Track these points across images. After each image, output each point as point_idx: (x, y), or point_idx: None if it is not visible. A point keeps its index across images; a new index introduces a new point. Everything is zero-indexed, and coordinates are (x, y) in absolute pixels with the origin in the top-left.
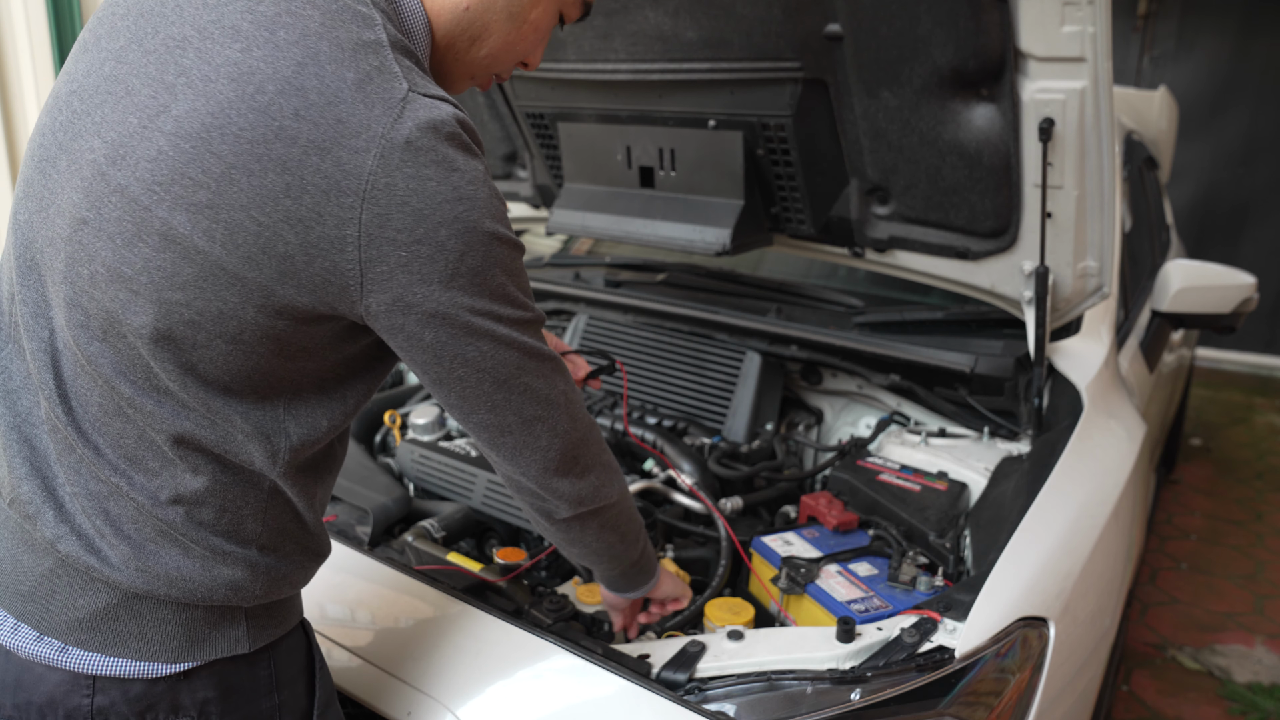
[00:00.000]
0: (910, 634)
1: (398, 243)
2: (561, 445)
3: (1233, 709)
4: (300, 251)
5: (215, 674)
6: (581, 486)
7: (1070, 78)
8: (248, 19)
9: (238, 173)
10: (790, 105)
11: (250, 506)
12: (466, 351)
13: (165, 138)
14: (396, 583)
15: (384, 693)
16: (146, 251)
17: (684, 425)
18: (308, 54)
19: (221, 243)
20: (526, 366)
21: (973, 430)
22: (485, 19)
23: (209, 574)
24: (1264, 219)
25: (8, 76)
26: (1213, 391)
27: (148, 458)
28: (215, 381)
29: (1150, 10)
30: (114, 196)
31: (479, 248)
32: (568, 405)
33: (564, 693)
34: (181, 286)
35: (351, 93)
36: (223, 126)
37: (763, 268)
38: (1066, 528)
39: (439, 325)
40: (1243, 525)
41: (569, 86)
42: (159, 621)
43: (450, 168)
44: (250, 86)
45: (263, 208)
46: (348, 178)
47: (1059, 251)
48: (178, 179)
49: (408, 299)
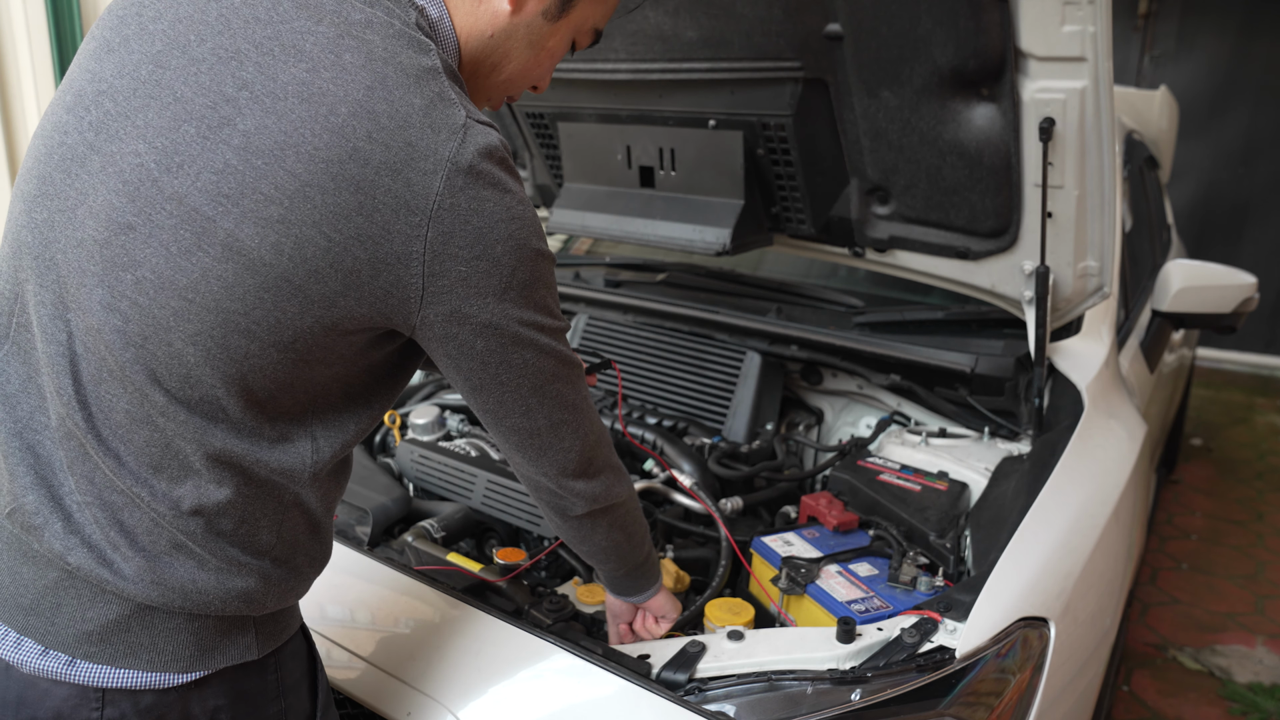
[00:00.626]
0: (910, 634)
1: (459, 258)
2: (581, 447)
3: (1233, 709)
4: (367, 266)
5: (225, 681)
6: (595, 486)
7: (1071, 77)
8: (309, 40)
9: (312, 190)
10: (790, 105)
11: (268, 519)
12: (512, 358)
13: (233, 151)
14: (396, 583)
15: (384, 693)
16: (206, 261)
17: (684, 425)
18: (375, 78)
19: (290, 256)
20: (560, 374)
21: (973, 430)
22: (507, 46)
23: (223, 585)
24: (1264, 219)
25: (7, 77)
26: (1213, 391)
27: (172, 467)
28: (260, 390)
29: (1151, 10)
30: (169, 204)
31: (528, 263)
32: (588, 410)
33: (564, 693)
34: (241, 297)
35: (420, 118)
36: (297, 145)
37: (763, 268)
38: (1067, 528)
39: (490, 334)
40: (1243, 525)
41: (569, 86)
42: (171, 632)
43: (504, 190)
44: (323, 108)
45: (335, 224)
46: (417, 198)
47: (1059, 251)
48: (248, 193)
49: (465, 310)
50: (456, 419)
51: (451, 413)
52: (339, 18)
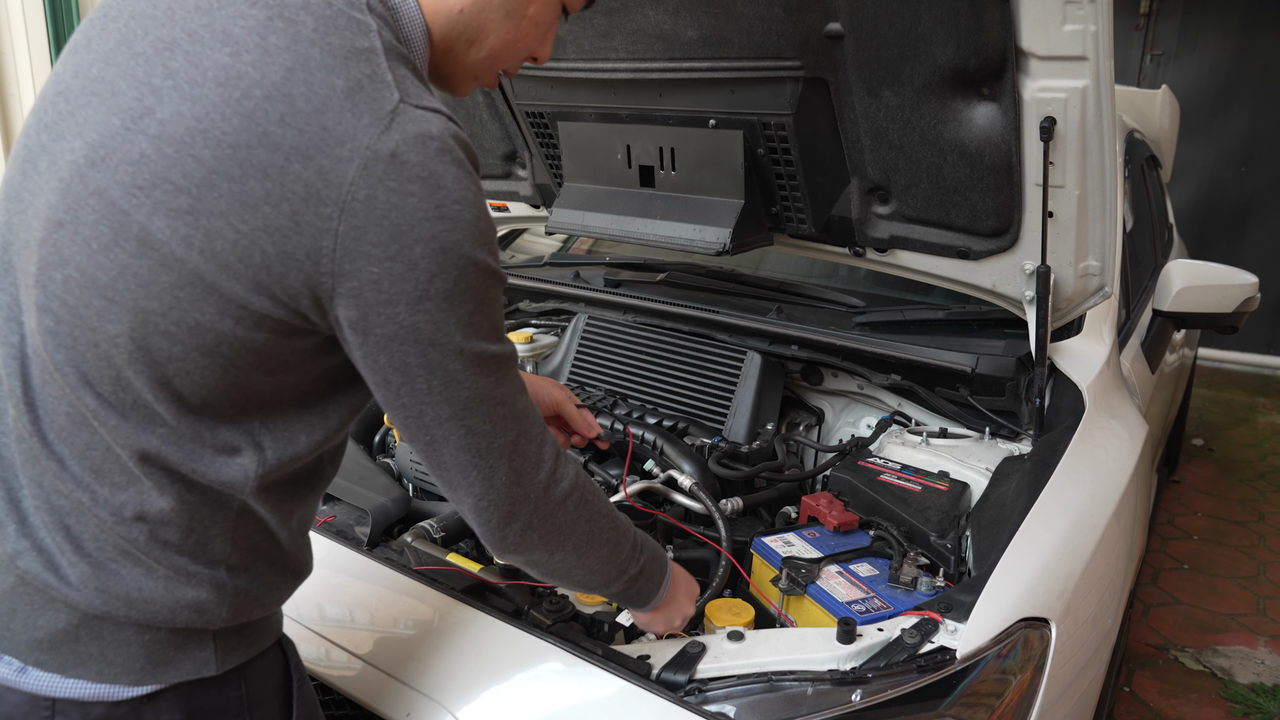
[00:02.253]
0: (911, 635)
1: (372, 257)
2: (495, 498)
3: (1235, 710)
4: (277, 261)
5: (181, 696)
6: (512, 537)
7: (1072, 76)
8: (239, 24)
9: (218, 178)
10: (791, 104)
11: (218, 526)
12: (416, 382)
13: (148, 141)
14: (396, 583)
15: (383, 694)
16: (123, 257)
17: (684, 425)
18: (298, 60)
19: (200, 250)
20: (474, 408)
21: (974, 430)
22: (481, 19)
23: (171, 595)
24: (1266, 218)
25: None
26: (1215, 392)
27: (113, 472)
28: (191, 396)
29: (1152, 9)
30: (92, 199)
31: (452, 270)
32: (509, 456)
33: (564, 693)
34: (158, 295)
35: (340, 100)
36: (206, 131)
37: (763, 267)
38: (1068, 528)
39: (394, 350)
40: (1245, 526)
41: (569, 85)
42: (121, 643)
43: (435, 184)
44: (237, 91)
45: (242, 215)
46: (329, 187)
47: (1060, 251)
48: (159, 183)
49: (370, 320)
50: None
51: None
52: (275, 1)
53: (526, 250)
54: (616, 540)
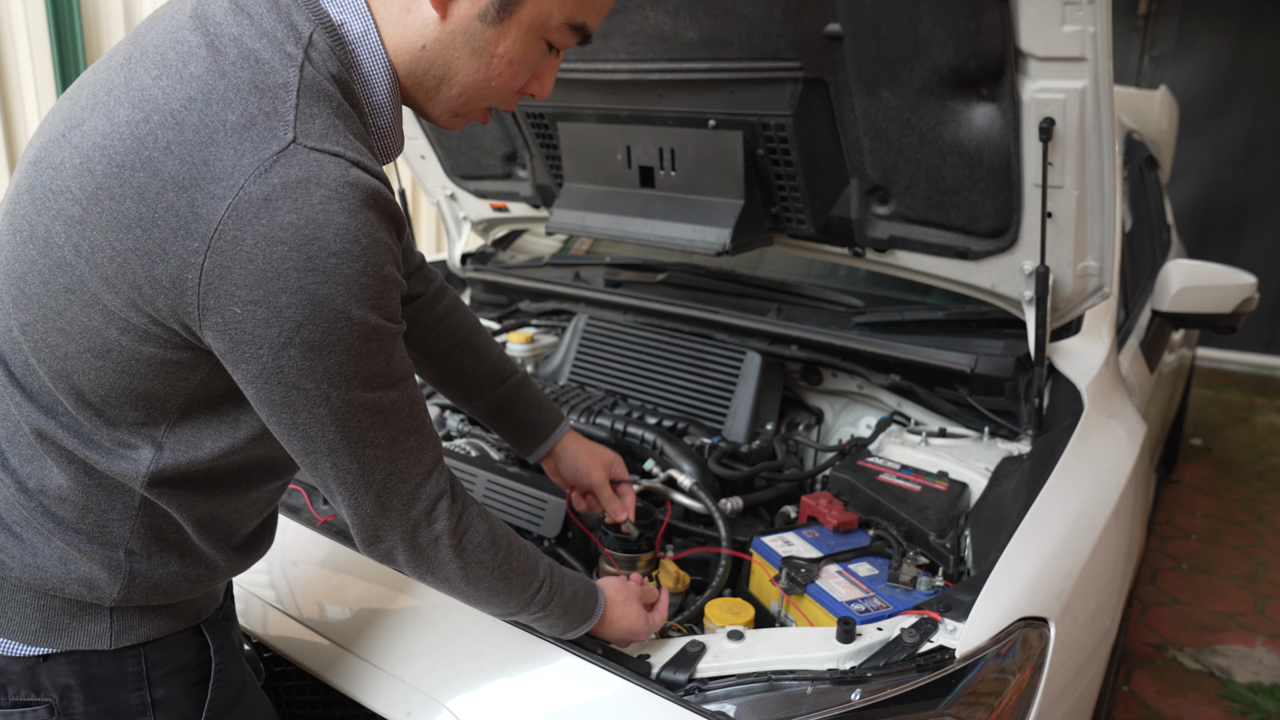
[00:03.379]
0: (910, 634)
1: (235, 298)
2: (359, 522)
3: (1233, 709)
4: (146, 284)
5: (75, 662)
6: (399, 559)
7: (1070, 77)
8: (176, 49)
9: (103, 195)
10: (790, 105)
11: (116, 511)
12: (282, 417)
13: (70, 149)
14: (396, 583)
15: (383, 692)
16: (33, 253)
17: (684, 425)
18: (201, 89)
19: (86, 259)
20: (338, 449)
21: (973, 430)
22: (446, 57)
23: (64, 567)
24: (1264, 219)
25: (7, 77)
26: (1213, 391)
27: (22, 444)
28: (90, 393)
29: (1150, 10)
30: (24, 195)
31: (320, 323)
32: (379, 494)
33: (564, 693)
34: (55, 295)
35: (227, 136)
36: (105, 148)
37: (763, 268)
38: (1067, 528)
39: (260, 385)
40: (1243, 525)
41: (569, 86)
42: (18, 604)
43: (310, 235)
44: (140, 114)
45: (118, 233)
46: (198, 221)
47: (1059, 251)
48: (62, 190)
49: (236, 354)
50: (456, 419)
51: (451, 413)
52: (214, 30)
53: (526, 250)
54: (507, 589)
